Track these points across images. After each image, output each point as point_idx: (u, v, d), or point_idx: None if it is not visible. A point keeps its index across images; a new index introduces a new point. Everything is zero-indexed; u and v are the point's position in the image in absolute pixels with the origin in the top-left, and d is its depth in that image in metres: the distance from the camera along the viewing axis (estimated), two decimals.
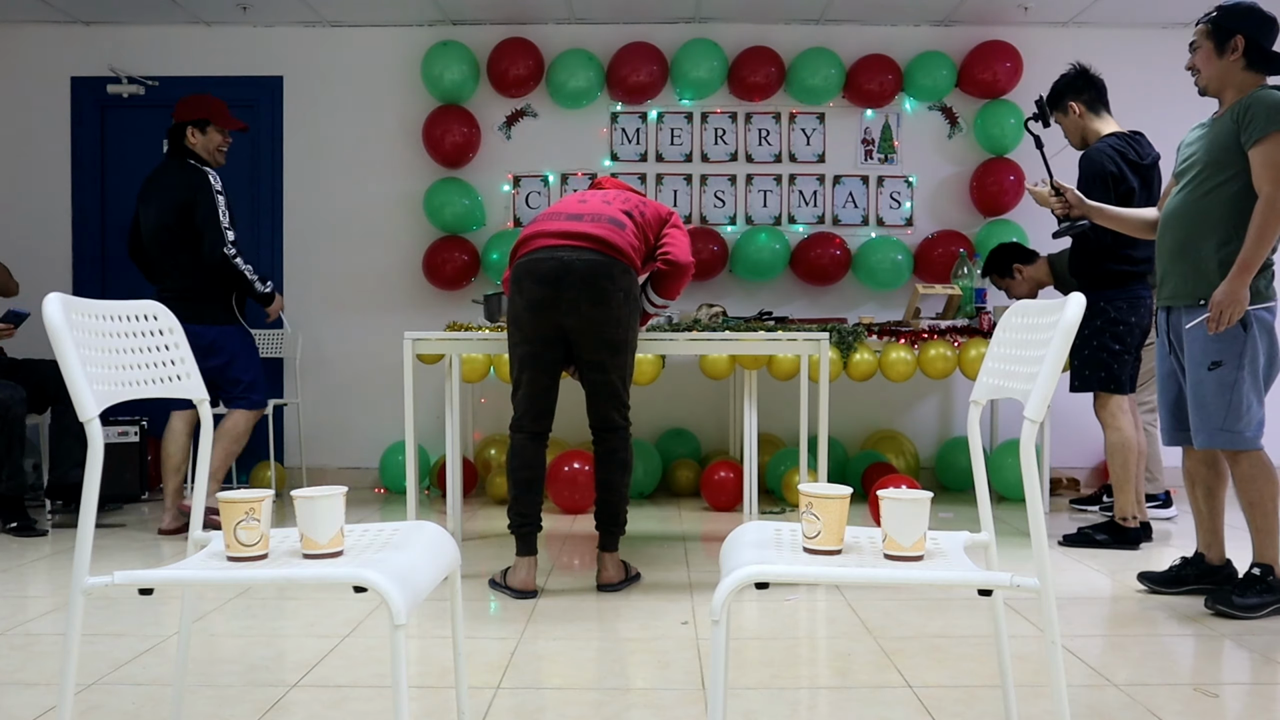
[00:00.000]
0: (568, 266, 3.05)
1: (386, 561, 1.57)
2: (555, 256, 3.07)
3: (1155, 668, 2.51)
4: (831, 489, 1.63)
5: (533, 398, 3.19)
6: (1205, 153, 2.99)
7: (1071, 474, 5.51)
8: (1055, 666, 1.54)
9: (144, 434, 5.07)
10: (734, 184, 5.61)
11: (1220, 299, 2.88)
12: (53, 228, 5.60)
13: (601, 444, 3.24)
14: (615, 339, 3.13)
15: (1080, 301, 1.55)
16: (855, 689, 2.35)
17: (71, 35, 5.59)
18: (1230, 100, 3.00)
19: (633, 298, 3.16)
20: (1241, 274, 2.86)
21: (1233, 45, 2.95)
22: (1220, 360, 2.93)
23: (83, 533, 1.54)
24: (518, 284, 3.12)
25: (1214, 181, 2.96)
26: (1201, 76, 3.04)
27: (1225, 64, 2.97)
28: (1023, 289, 4.75)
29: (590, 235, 3.09)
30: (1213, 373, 2.94)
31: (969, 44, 5.50)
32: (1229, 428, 2.93)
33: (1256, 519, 2.96)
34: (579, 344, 3.14)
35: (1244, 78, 2.97)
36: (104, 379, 1.63)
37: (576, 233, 3.10)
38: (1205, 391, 2.96)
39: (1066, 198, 3.38)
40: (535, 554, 3.23)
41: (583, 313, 3.07)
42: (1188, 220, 3.02)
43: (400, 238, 5.57)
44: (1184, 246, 3.02)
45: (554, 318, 3.09)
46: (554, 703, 2.26)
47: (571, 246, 3.08)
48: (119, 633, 2.80)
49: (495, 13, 5.43)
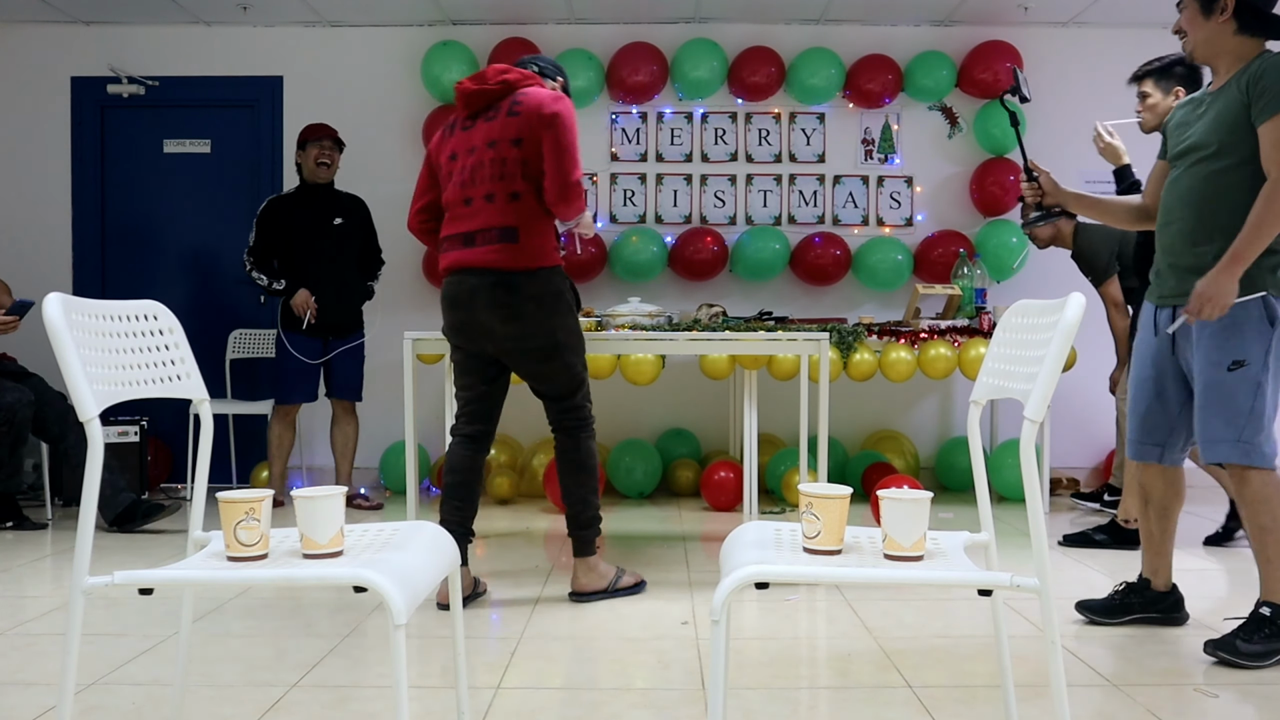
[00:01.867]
0: (472, 291, 2.98)
1: (386, 561, 1.57)
2: (461, 280, 3.01)
3: (1155, 668, 2.51)
4: (831, 489, 1.63)
5: (466, 401, 3.15)
6: (1211, 131, 2.61)
7: (1071, 474, 5.50)
8: (1055, 666, 1.54)
9: (144, 434, 5.08)
10: (734, 184, 5.61)
11: (1204, 290, 2.52)
12: (53, 228, 5.60)
13: (556, 445, 3.18)
14: (539, 347, 3.03)
15: (1080, 301, 1.55)
16: (855, 689, 2.35)
17: (71, 35, 5.59)
18: (1226, 69, 2.63)
19: (547, 296, 3.00)
20: (1232, 265, 2.49)
21: (1221, 4, 2.57)
22: (1244, 360, 2.53)
23: (83, 533, 1.54)
24: (442, 303, 3.09)
25: (1224, 162, 2.58)
26: (1188, 40, 2.67)
27: (1214, 26, 2.60)
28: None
29: (482, 264, 2.96)
30: (1234, 373, 2.54)
31: (969, 44, 5.50)
32: (1248, 439, 2.54)
33: (1269, 548, 2.55)
34: (509, 362, 3.10)
35: (1238, 43, 2.60)
36: (104, 379, 1.63)
37: (470, 262, 2.98)
38: (1224, 396, 2.55)
39: (1040, 182, 2.99)
40: (464, 564, 3.07)
41: (499, 333, 3.00)
42: (1197, 208, 2.63)
43: (400, 238, 5.55)
44: (1193, 237, 2.64)
45: (477, 340, 3.05)
46: (554, 703, 2.26)
47: (472, 268, 2.98)
48: (119, 633, 2.80)
49: (495, 13, 5.43)
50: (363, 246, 4.95)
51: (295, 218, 4.78)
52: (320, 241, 4.78)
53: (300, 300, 4.72)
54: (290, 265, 4.78)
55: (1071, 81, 5.57)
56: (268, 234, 4.76)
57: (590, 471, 3.15)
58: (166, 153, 5.64)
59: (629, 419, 5.55)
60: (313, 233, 4.78)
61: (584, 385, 3.16)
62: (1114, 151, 3.74)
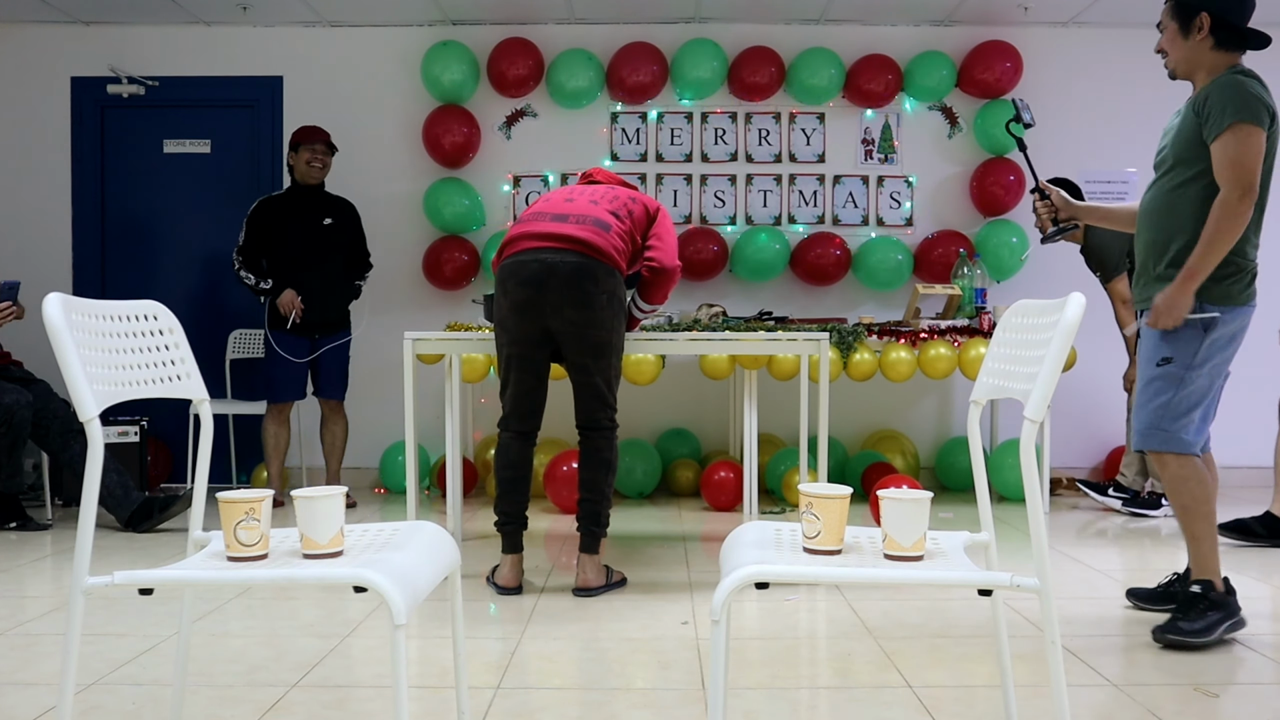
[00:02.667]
0: (551, 269, 3.05)
1: (386, 561, 1.57)
2: (539, 259, 3.07)
3: (1155, 668, 2.51)
4: (831, 489, 1.63)
5: (519, 398, 3.23)
6: (1171, 147, 2.79)
7: (1071, 474, 5.51)
8: (1055, 666, 1.54)
9: (144, 434, 5.08)
10: (734, 184, 5.61)
11: (1159, 304, 2.70)
12: (53, 228, 5.60)
13: (586, 442, 3.25)
14: (599, 341, 3.13)
15: (1080, 301, 1.55)
16: (855, 689, 2.35)
17: (71, 35, 5.59)
18: (1202, 83, 2.76)
19: (617, 300, 3.14)
20: (1186, 282, 2.65)
21: (1198, 24, 2.70)
22: (1171, 357, 2.73)
23: (83, 533, 1.54)
24: (502, 285, 3.14)
25: (1181, 177, 2.74)
26: (1170, 59, 2.80)
27: (1192, 45, 2.73)
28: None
29: (574, 237, 3.08)
30: (1160, 369, 2.74)
31: (969, 44, 5.50)
32: (1163, 427, 2.73)
33: (1190, 526, 2.74)
34: (564, 345, 3.16)
35: (1214, 58, 2.73)
36: (104, 379, 1.63)
37: (560, 234, 3.09)
38: (1151, 390, 2.76)
39: (1052, 200, 3.15)
40: (520, 551, 3.25)
41: (566, 315, 3.07)
42: (1158, 218, 2.80)
43: (400, 238, 5.57)
44: (1155, 250, 2.81)
45: (538, 320, 3.10)
46: (554, 703, 2.26)
47: (555, 249, 3.07)
48: (119, 633, 2.80)
49: (495, 13, 5.43)
50: (351, 248, 4.99)
51: (285, 218, 4.81)
52: (308, 242, 4.81)
53: (285, 300, 4.75)
54: (278, 265, 4.81)
55: (1071, 81, 5.57)
56: (257, 233, 4.80)
57: (613, 471, 3.25)
58: (166, 153, 5.64)
59: (629, 419, 5.52)
60: (301, 233, 4.81)
61: (618, 388, 3.27)
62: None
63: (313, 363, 4.90)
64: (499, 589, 3.23)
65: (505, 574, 3.23)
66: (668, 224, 3.34)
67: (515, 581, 3.23)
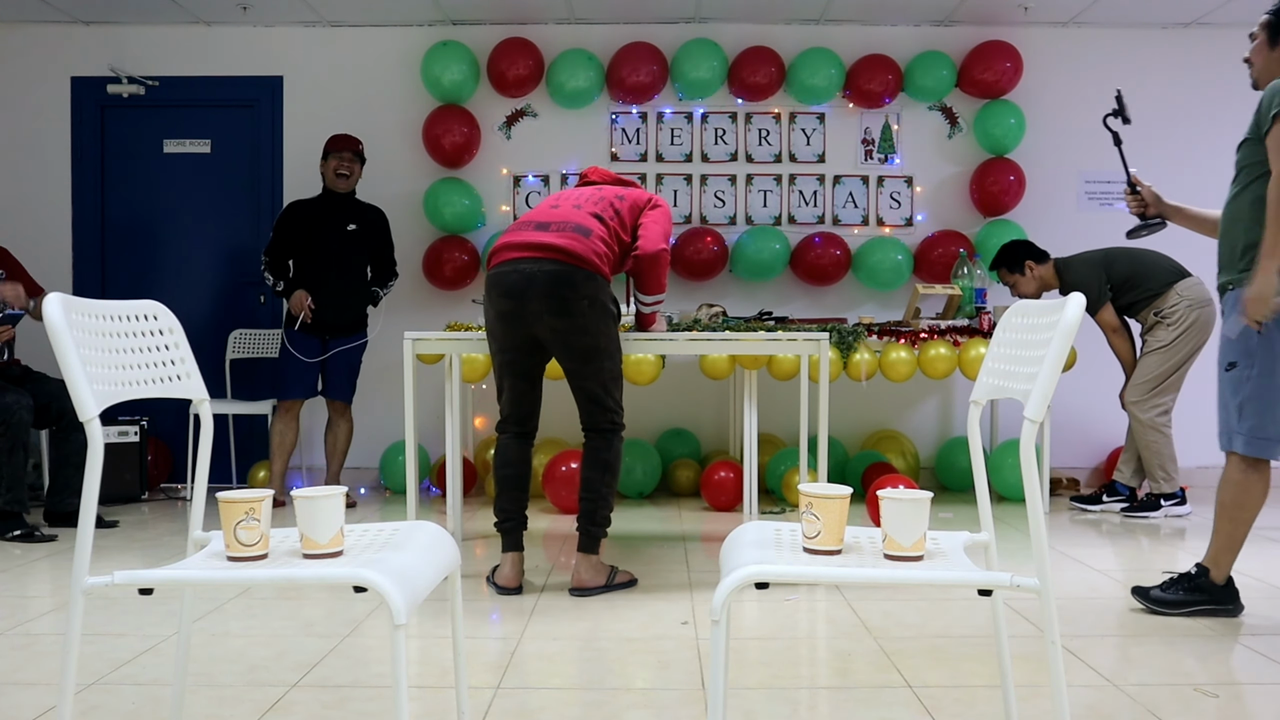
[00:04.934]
0: (530, 279, 3.09)
1: (386, 561, 1.57)
2: (518, 269, 3.11)
3: (1155, 668, 2.51)
4: (831, 489, 1.63)
5: (514, 402, 3.28)
6: (1238, 153, 2.89)
7: (1071, 474, 5.51)
8: (1055, 666, 1.54)
9: (144, 434, 5.08)
10: (734, 184, 5.61)
11: (1246, 296, 2.75)
12: (53, 228, 5.60)
13: (587, 443, 3.29)
14: (585, 346, 3.15)
15: (1080, 301, 1.55)
16: (855, 689, 2.35)
17: (71, 35, 5.59)
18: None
19: (599, 304, 3.14)
20: (1265, 265, 2.70)
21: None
22: (1235, 361, 2.82)
23: (83, 533, 1.54)
24: (488, 296, 3.20)
25: (1243, 182, 2.85)
26: (1254, 68, 2.93)
27: (1275, 56, 2.86)
28: (1030, 287, 4.74)
29: (552, 245, 3.10)
30: (1228, 374, 2.84)
31: (969, 44, 5.50)
32: (1233, 429, 2.83)
33: (1221, 522, 2.87)
34: (552, 352, 3.21)
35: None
36: (104, 379, 1.63)
37: (539, 243, 3.12)
38: (1220, 393, 2.87)
39: (1143, 195, 3.23)
40: (520, 550, 3.27)
41: (548, 323, 3.11)
42: (1228, 224, 2.90)
43: (400, 237, 5.56)
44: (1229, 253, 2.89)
45: (524, 329, 3.15)
46: (554, 703, 2.26)
47: (534, 258, 3.11)
48: (119, 633, 2.80)
49: (495, 13, 5.43)
50: (376, 255, 5.04)
51: (310, 222, 4.88)
52: (329, 246, 4.87)
53: (295, 300, 4.81)
54: (300, 267, 4.88)
55: (1072, 81, 5.57)
56: (283, 235, 4.88)
57: (615, 473, 3.26)
58: (166, 152, 5.64)
59: (629, 419, 5.54)
60: (324, 237, 4.87)
61: (618, 390, 3.26)
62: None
63: (322, 363, 4.92)
64: (499, 589, 3.24)
65: (505, 573, 3.24)
66: (658, 214, 3.34)
67: (515, 581, 3.24)
